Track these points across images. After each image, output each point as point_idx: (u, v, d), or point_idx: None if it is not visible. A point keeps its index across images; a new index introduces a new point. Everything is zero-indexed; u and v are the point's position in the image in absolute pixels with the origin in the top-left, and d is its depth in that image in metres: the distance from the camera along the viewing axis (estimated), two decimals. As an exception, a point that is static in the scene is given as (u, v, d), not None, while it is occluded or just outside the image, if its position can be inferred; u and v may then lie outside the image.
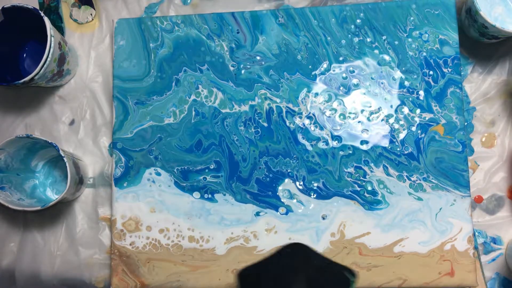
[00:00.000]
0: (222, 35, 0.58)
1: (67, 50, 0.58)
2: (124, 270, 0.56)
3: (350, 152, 0.56)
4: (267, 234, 0.55)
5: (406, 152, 0.55)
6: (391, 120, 0.56)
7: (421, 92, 0.56)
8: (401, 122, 0.55)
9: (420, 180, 0.54)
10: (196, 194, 0.57)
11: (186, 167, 0.57)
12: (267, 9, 0.60)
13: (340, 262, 0.42)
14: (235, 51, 0.58)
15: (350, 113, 0.56)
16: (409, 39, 0.56)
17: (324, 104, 0.57)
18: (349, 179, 0.55)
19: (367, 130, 0.56)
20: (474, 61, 0.58)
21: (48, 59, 0.53)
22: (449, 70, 0.56)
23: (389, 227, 0.54)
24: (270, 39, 0.58)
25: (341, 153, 0.56)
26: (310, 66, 0.57)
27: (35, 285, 0.59)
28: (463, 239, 0.53)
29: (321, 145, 0.56)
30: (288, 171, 0.56)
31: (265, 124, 0.57)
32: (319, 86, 0.57)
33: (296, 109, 0.57)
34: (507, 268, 0.56)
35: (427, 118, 0.55)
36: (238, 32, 0.58)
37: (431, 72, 0.56)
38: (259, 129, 0.57)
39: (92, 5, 0.62)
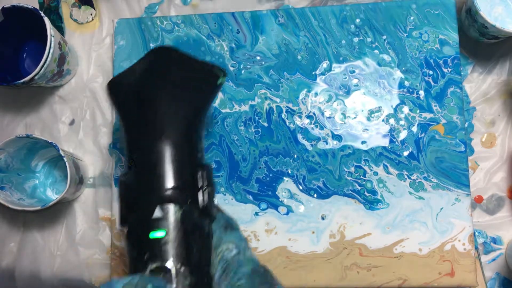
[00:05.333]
0: (222, 35, 0.58)
1: (67, 50, 0.58)
2: (124, 270, 0.56)
3: (350, 151, 0.56)
4: (268, 235, 0.55)
5: (406, 152, 0.55)
6: (391, 120, 0.56)
7: (421, 92, 0.56)
8: (401, 122, 0.55)
9: (420, 179, 0.54)
10: (196, 194, 0.56)
11: (186, 167, 0.57)
12: (267, 9, 0.60)
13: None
14: (235, 51, 0.58)
15: (350, 112, 0.56)
16: (409, 39, 0.56)
17: (324, 104, 0.57)
18: (349, 178, 0.55)
19: (367, 130, 0.56)
20: (474, 61, 0.58)
21: (48, 59, 0.53)
22: (449, 70, 0.56)
23: (390, 228, 0.54)
24: (270, 39, 0.58)
25: (341, 153, 0.56)
26: (310, 66, 0.57)
27: (35, 285, 0.59)
28: (464, 239, 0.53)
29: (321, 145, 0.56)
30: (288, 170, 0.56)
31: (265, 124, 0.57)
32: (319, 86, 0.57)
33: (296, 108, 0.57)
34: (507, 268, 0.56)
35: (427, 118, 0.55)
36: (238, 32, 0.58)
37: (431, 72, 0.56)
38: (259, 129, 0.57)
39: (92, 5, 0.62)
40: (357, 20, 0.57)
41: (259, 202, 0.56)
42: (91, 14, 0.62)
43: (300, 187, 0.56)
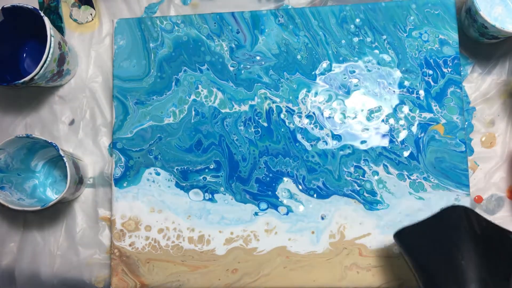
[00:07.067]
0: (222, 35, 0.58)
1: (67, 50, 0.58)
2: (124, 270, 0.56)
3: (350, 151, 0.56)
4: (267, 235, 0.55)
5: (406, 152, 0.55)
6: (391, 120, 0.56)
7: (421, 92, 0.56)
8: (401, 122, 0.55)
9: (420, 179, 0.54)
10: (196, 194, 0.57)
11: (186, 167, 0.57)
12: (267, 9, 0.60)
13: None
14: (235, 51, 0.58)
15: (350, 112, 0.56)
16: (409, 39, 0.56)
17: (324, 104, 0.57)
18: (348, 178, 0.55)
19: (367, 130, 0.56)
20: (474, 61, 0.58)
21: (48, 59, 0.53)
22: (449, 70, 0.56)
23: (390, 228, 0.54)
24: (270, 39, 0.58)
25: (341, 152, 0.56)
26: (310, 66, 0.57)
27: (35, 285, 0.59)
28: (463, 239, 0.53)
29: (320, 145, 0.56)
30: (288, 170, 0.56)
31: (265, 124, 0.57)
32: (319, 86, 0.57)
33: (295, 108, 0.57)
34: (507, 268, 0.56)
35: (427, 118, 0.55)
36: (238, 32, 0.58)
37: (431, 72, 0.56)
38: (259, 129, 0.57)
39: (92, 5, 0.62)
40: (357, 20, 0.57)
41: (259, 202, 0.56)
42: (91, 14, 0.62)
43: (300, 187, 0.56)
